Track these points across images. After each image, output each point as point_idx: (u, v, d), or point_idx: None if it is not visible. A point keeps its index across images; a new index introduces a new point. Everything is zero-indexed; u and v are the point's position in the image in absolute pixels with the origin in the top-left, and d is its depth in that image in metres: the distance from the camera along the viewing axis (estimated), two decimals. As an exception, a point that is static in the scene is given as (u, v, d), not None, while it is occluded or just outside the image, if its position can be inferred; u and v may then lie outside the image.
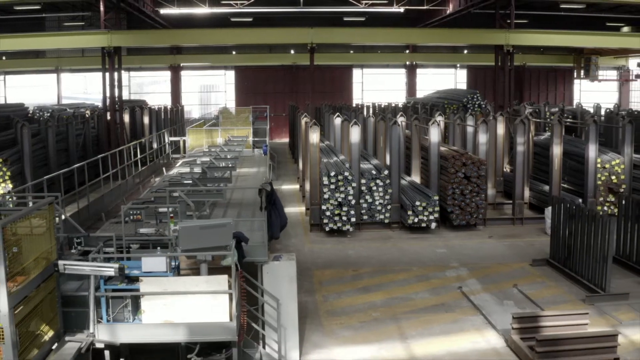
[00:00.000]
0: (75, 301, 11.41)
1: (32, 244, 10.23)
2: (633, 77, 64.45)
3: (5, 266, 9.09)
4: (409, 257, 21.26)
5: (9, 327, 9.24)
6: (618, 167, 25.97)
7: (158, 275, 10.53)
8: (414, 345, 14.24)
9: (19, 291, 9.55)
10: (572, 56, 62.88)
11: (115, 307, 10.63)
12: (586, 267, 18.01)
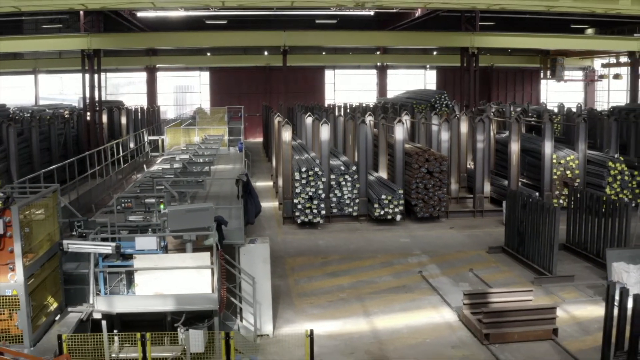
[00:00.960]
0: (74, 279, 13.09)
1: (39, 226, 11.88)
2: (598, 78, 66.68)
3: (22, 243, 10.72)
4: (375, 246, 23.03)
5: (24, 296, 10.87)
6: (573, 163, 27.89)
7: (149, 253, 12.18)
8: (376, 321, 15.98)
9: (31, 265, 11.20)
10: (539, 57, 64.96)
11: (112, 281, 12.27)
12: (536, 252, 19.84)
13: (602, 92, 67.85)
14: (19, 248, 10.69)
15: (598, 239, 20.42)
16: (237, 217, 15.17)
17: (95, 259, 12.11)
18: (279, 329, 15.29)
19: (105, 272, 12.20)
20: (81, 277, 13.19)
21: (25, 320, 10.90)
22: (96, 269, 12.14)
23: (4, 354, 9.81)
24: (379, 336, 15.08)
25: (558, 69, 63.98)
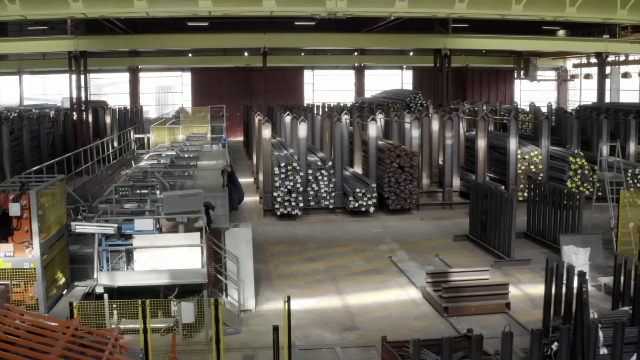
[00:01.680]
0: (77, 259, 14.91)
1: (50, 210, 13.65)
2: (570, 78, 68.93)
3: (38, 222, 12.50)
4: (349, 235, 24.89)
5: (40, 268, 12.64)
6: (536, 158, 29.90)
7: (146, 233, 13.96)
8: (348, 298, 17.83)
9: (44, 243, 12.97)
10: (513, 57, 67.00)
11: (113, 258, 14.02)
12: (496, 239, 21.76)
13: (575, 91, 70.10)
14: (36, 226, 12.48)
15: (555, 227, 22.33)
16: (222, 205, 16.95)
17: (99, 238, 13.85)
18: (260, 305, 17.07)
19: (108, 250, 13.95)
20: (83, 257, 15.01)
21: (41, 289, 12.66)
22: (100, 247, 13.88)
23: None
24: (350, 311, 16.93)
25: (531, 69, 66.02)
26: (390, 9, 17.72)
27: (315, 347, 14.68)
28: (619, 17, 19.25)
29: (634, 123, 32.53)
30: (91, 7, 16.57)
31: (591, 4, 18.97)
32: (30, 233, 12.81)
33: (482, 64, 66.87)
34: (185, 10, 17.14)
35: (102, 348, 10.68)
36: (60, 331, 10.78)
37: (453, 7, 17.90)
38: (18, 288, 12.85)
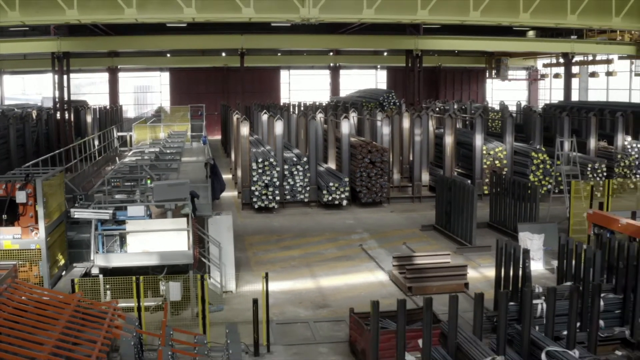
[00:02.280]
0: (73, 244, 16.53)
1: (52, 198, 15.25)
2: (540, 77, 71.04)
3: (44, 207, 14.12)
4: (323, 226, 26.60)
5: (45, 249, 14.24)
6: (501, 154, 31.74)
7: (138, 218, 15.58)
8: (321, 281, 19.54)
9: (48, 226, 14.58)
10: (485, 57, 68.87)
11: (108, 242, 15.62)
12: (459, 227, 23.55)
13: (545, 90, 72.25)
14: (41, 211, 14.10)
15: (515, 217, 24.17)
16: (205, 196, 18.59)
17: (96, 224, 15.45)
18: (240, 287, 18.73)
19: (103, 234, 15.54)
20: (79, 242, 16.64)
21: (46, 268, 14.27)
22: (96, 232, 15.47)
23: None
24: (323, 291, 18.64)
25: (502, 69, 67.88)
26: (358, 16, 19.43)
27: (291, 322, 16.39)
28: (569, 22, 21.09)
29: (594, 120, 34.44)
30: (85, 14, 18.11)
31: (543, 10, 20.73)
32: (35, 218, 14.43)
33: (455, 63, 68.71)
34: (171, 17, 18.72)
35: (102, 317, 12.30)
36: (65, 303, 12.39)
37: (416, 14, 19.63)
38: (24, 268, 14.42)
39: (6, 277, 12.51)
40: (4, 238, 14.22)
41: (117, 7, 18.06)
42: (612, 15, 21.12)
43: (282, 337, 15.37)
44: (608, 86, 61.25)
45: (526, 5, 20.28)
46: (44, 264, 14.27)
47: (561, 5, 20.69)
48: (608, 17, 21.25)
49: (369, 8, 19.13)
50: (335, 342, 15.14)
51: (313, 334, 15.69)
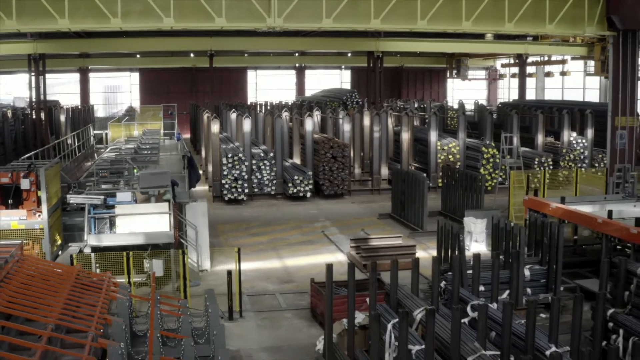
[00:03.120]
0: (66, 228, 18.88)
1: (50, 185, 17.60)
2: (499, 77, 74.06)
3: (46, 192, 16.49)
4: (289, 216, 29.09)
5: (47, 229, 16.60)
6: (454, 149, 34.42)
7: (126, 203, 17.96)
8: (286, 261, 22.04)
9: (50, 209, 16.94)
10: (445, 58, 71.64)
11: (99, 224, 17.98)
12: (412, 215, 26.19)
13: (504, 89, 75.28)
14: (44, 195, 16.47)
15: (463, 205, 26.80)
16: (182, 186, 21.01)
17: (89, 208, 17.81)
18: (214, 267, 21.16)
19: (95, 217, 17.90)
20: (71, 226, 18.99)
21: (48, 245, 16.62)
22: (89, 215, 17.82)
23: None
24: (288, 270, 21.16)
25: (463, 69, 70.52)
26: (318, 24, 21.87)
27: (260, 294, 18.89)
28: (507, 29, 23.67)
29: (542, 118, 37.25)
30: (75, 23, 20.34)
31: (483, 18, 23.25)
32: (37, 202, 16.79)
33: (417, 64, 71.18)
34: (151, 25, 21.00)
35: (100, 284, 14.66)
36: (67, 273, 14.73)
37: (369, 23, 22.10)
38: (27, 247, 16.73)
39: (15, 252, 14.83)
40: (12, 219, 16.55)
41: (104, 17, 20.34)
42: (546, 23, 23.74)
43: (252, 306, 17.86)
44: (563, 85, 64.34)
45: (468, 14, 22.81)
46: (46, 241, 16.63)
47: (499, 13, 23.24)
48: (542, 24, 23.86)
49: (328, 17, 21.60)
50: (298, 309, 17.67)
51: (279, 303, 18.21)
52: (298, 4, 21.34)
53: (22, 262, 14.66)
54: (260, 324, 16.73)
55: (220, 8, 20.92)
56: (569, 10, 24.08)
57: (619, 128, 24.82)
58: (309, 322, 16.88)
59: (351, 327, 14.07)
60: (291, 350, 15.18)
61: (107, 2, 20.39)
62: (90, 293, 13.90)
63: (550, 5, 23.72)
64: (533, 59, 60.73)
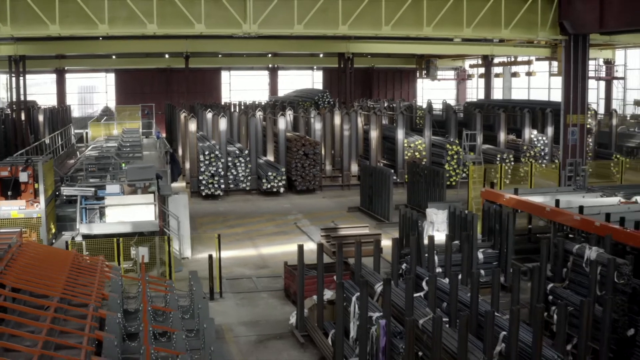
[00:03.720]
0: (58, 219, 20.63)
1: (46, 178, 19.35)
2: (467, 77, 76.34)
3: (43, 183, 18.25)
4: (263, 210, 30.94)
5: (44, 217, 18.35)
6: (420, 146, 36.41)
7: (115, 195, 19.73)
8: (261, 249, 23.91)
9: (46, 199, 18.70)
10: (415, 59, 73.77)
11: (90, 214, 19.73)
12: (379, 207, 28.13)
13: (472, 89, 77.63)
14: (42, 187, 18.21)
15: (427, 198, 28.75)
16: (165, 180, 22.78)
17: (80, 199, 19.56)
18: (194, 255, 22.98)
19: (86, 208, 19.65)
20: (63, 217, 20.73)
21: (45, 232, 18.37)
22: (81, 206, 19.57)
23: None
24: (263, 257, 23.05)
25: (432, 69, 72.57)
26: (290, 30, 23.71)
27: (238, 278, 20.76)
28: (465, 34, 25.64)
29: (504, 116, 39.37)
30: (65, 29, 21.97)
31: (443, 24, 25.19)
32: (34, 194, 18.53)
33: (387, 64, 73.29)
34: (136, 30, 22.71)
35: (95, 267, 16.42)
36: (65, 256, 16.48)
37: (337, 29, 23.96)
38: (25, 234, 18.45)
39: (16, 239, 16.56)
40: (12, 209, 18.29)
41: (92, 23, 22.01)
42: (502, 28, 25.73)
43: (231, 288, 19.72)
44: (529, 85, 66.79)
45: (429, 20, 24.70)
46: (43, 229, 18.37)
47: (458, 19, 25.14)
48: (498, 29, 25.83)
49: (299, 24, 23.43)
50: (273, 291, 19.56)
51: (256, 285, 20.10)
52: (272, 11, 23.19)
53: (24, 247, 16.37)
54: (239, 303, 18.58)
55: (199, 15, 22.72)
56: (524, 15, 26.09)
57: (571, 125, 26.86)
58: (283, 301, 18.76)
59: (320, 302, 15.99)
60: (267, 324, 17.04)
61: (95, 9, 22.11)
62: (87, 273, 15.61)
63: (506, 11, 25.72)
64: (500, 59, 63.01)
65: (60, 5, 21.90)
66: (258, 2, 23.20)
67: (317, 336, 15.38)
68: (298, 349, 15.53)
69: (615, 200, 21.76)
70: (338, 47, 49.02)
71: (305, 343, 15.65)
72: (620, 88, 57.40)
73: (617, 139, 41.76)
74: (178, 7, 22.47)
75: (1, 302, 11.86)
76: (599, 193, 23.39)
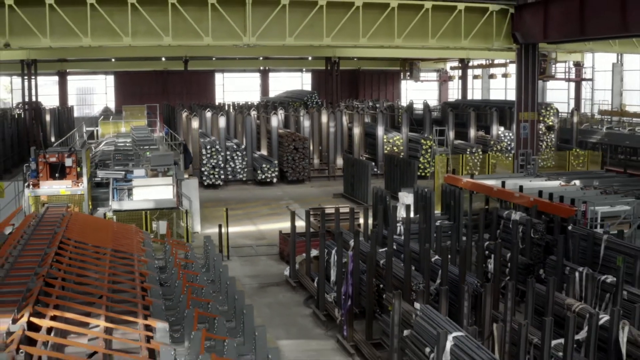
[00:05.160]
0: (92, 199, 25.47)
1: (85, 163, 24.21)
2: (448, 78, 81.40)
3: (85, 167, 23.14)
4: (258, 197, 35.85)
5: (86, 194, 23.21)
6: (398, 141, 41.39)
7: (140, 177, 24.58)
8: (259, 226, 28.83)
9: (87, 180, 23.58)
10: (399, 61, 78.63)
11: (120, 193, 24.56)
12: (360, 193, 33.07)
13: (454, 90, 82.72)
14: (85, 169, 23.06)
15: (401, 185, 33.70)
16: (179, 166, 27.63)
17: (113, 181, 24.38)
18: (203, 230, 27.85)
19: (117, 188, 24.48)
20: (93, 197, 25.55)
21: (87, 206, 23.21)
22: (113, 186, 24.38)
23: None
24: (261, 231, 27.98)
25: (415, 72, 77.39)
26: (283, 42, 28.52)
27: (241, 246, 25.65)
28: (431, 44, 30.53)
29: (473, 115, 44.42)
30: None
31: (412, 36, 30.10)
32: (77, 176, 23.36)
33: (373, 66, 78.04)
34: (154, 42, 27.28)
35: (130, 231, 21.24)
36: (107, 223, 21.31)
37: (322, 40, 28.79)
38: (70, 208, 23.27)
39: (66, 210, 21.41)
40: (61, 187, 23.13)
41: (118, 36, 26.70)
42: (462, 38, 30.61)
43: (236, 253, 24.63)
44: (506, 86, 71.70)
45: (399, 33, 29.48)
46: (85, 204, 23.21)
47: (424, 31, 29.91)
48: (459, 40, 30.68)
49: (290, 36, 28.26)
50: (270, 255, 24.52)
51: (256, 251, 25.05)
52: (267, 26, 28.03)
53: (74, 215, 21.19)
54: (243, 264, 23.50)
55: (207, 29, 27.53)
56: (481, 27, 30.99)
57: (523, 121, 31.78)
58: (278, 262, 23.70)
59: (308, 258, 20.94)
60: (266, 276, 22.00)
61: (120, 24, 26.86)
62: (126, 235, 20.45)
63: (465, 24, 30.59)
64: (479, 62, 67.93)
65: (91, 21, 26.72)
66: (256, 18, 28.02)
67: (306, 281, 20.36)
68: (291, 291, 20.51)
69: (556, 184, 26.69)
70: (325, 51, 53.75)
71: (297, 287, 20.64)
72: (588, 88, 62.37)
73: (579, 135, 46.78)
74: (189, 22, 27.26)
75: (71, 249, 16.54)
76: (544, 178, 28.38)
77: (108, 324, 10.14)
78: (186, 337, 10.56)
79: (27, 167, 24.02)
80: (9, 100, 74.04)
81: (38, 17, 26.38)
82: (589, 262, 17.57)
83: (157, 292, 12.54)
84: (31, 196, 23.21)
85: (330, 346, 16.62)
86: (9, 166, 44.56)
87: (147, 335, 10.03)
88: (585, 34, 27.51)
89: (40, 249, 13.65)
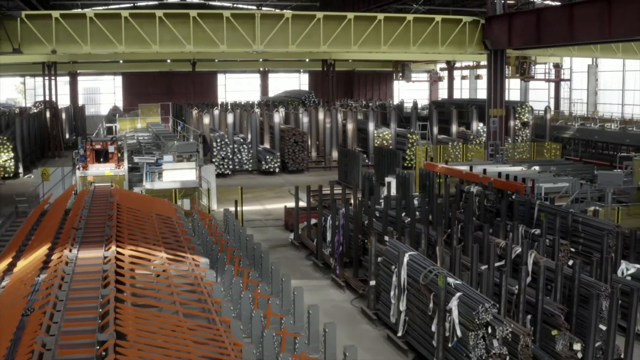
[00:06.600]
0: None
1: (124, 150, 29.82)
2: (438, 78, 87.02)
3: (125, 153, 28.78)
4: (263, 184, 41.43)
5: (127, 175, 28.80)
6: (387, 136, 47.03)
7: (169, 162, 30.15)
8: (266, 205, 34.45)
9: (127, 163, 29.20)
10: (392, 63, 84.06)
11: (152, 175, 30.09)
12: (352, 179, 38.63)
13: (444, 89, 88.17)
14: (125, 155, 28.66)
15: (388, 173, 39.27)
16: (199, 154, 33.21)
17: (146, 165, 29.93)
18: (219, 208, 33.42)
19: (149, 171, 30.00)
20: (130, 178, 31.13)
21: (126, 186, 28.76)
22: (146, 169, 29.92)
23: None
24: (268, 209, 33.63)
25: (407, 72, 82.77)
26: (286, 49, 34.20)
27: (252, 220, 31.26)
28: (412, 51, 36.29)
29: (455, 112, 50.13)
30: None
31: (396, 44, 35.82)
32: (118, 160, 28.95)
33: (367, 67, 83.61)
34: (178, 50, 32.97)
35: (166, 204, 26.75)
36: (147, 197, 26.83)
37: (320, 47, 34.48)
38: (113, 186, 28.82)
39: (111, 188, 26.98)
40: (106, 169, 28.74)
41: (147, 44, 32.22)
42: (439, 45, 36.29)
43: (248, 225, 30.22)
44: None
45: (385, 41, 35.07)
46: (126, 182, 28.79)
47: (407, 40, 35.60)
48: (436, 47, 36.32)
49: (293, 44, 33.91)
50: (276, 226, 30.18)
51: (264, 223, 30.71)
52: (273, 36, 33.68)
53: (119, 191, 26.69)
54: (254, 232, 28.99)
55: (222, 38, 33.14)
56: (456, 36, 36.67)
57: (492, 116, 37.43)
58: (284, 231, 29.34)
59: (308, 224, 26.58)
60: (275, 240, 27.68)
61: (149, 34, 32.46)
62: (163, 205, 25.95)
63: (442, 33, 36.23)
64: (466, 63, 73.50)
65: (125, 31, 32.31)
66: (263, 29, 33.69)
67: (307, 242, 26.05)
68: (295, 250, 26.21)
69: (519, 169, 32.32)
70: (321, 54, 58.94)
71: (299, 247, 26.32)
72: (567, 88, 68.03)
73: (554, 131, 52.42)
74: (207, 32, 32.89)
75: (125, 211, 22.04)
76: (509, 164, 34.04)
77: (168, 255, 15.37)
78: (219, 272, 16.12)
79: (77, 153, 29.62)
80: (19, 100, 79.59)
81: (80, 27, 31.99)
82: (526, 222, 23.27)
83: (195, 240, 18.07)
84: (81, 177, 28.74)
85: (326, 283, 22.33)
86: (33, 159, 50.02)
87: (195, 265, 15.37)
88: (540, 42, 33.24)
89: (103, 211, 18.73)
